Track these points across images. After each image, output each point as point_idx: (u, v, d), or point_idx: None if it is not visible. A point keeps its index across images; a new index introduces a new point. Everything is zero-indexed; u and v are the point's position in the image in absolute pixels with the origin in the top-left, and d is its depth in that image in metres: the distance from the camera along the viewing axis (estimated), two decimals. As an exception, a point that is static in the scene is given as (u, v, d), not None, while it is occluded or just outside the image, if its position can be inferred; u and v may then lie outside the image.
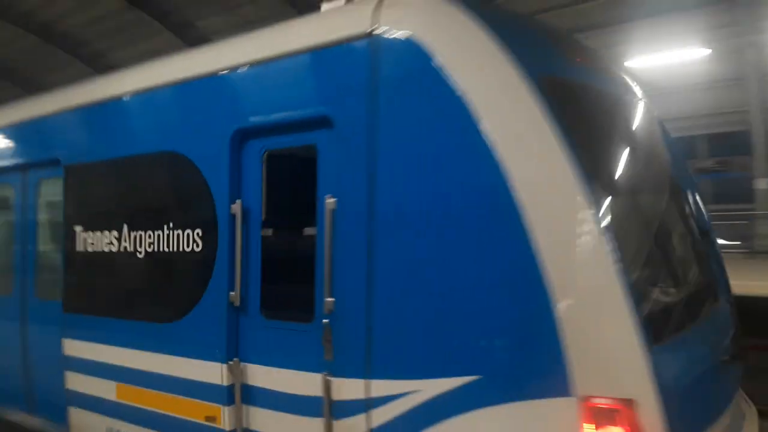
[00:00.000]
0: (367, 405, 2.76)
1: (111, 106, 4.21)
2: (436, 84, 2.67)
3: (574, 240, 2.41)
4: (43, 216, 4.83)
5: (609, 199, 2.58)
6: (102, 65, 23.73)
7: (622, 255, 2.39)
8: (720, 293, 3.43)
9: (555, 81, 2.77)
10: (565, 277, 2.38)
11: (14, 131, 5.09)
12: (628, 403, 2.26)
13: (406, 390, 2.66)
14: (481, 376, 2.51)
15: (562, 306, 2.34)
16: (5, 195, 5.18)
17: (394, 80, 2.83)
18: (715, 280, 3.40)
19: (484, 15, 2.80)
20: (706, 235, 3.52)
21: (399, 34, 2.80)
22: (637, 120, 3.46)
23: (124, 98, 4.11)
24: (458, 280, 2.60)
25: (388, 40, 2.82)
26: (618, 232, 2.46)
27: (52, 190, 4.59)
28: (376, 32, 2.84)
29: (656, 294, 2.75)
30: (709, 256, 3.46)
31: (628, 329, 2.29)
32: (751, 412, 3.41)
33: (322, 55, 3.07)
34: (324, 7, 3.26)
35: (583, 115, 2.90)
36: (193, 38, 20.66)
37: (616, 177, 2.92)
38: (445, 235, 2.64)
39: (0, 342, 5.03)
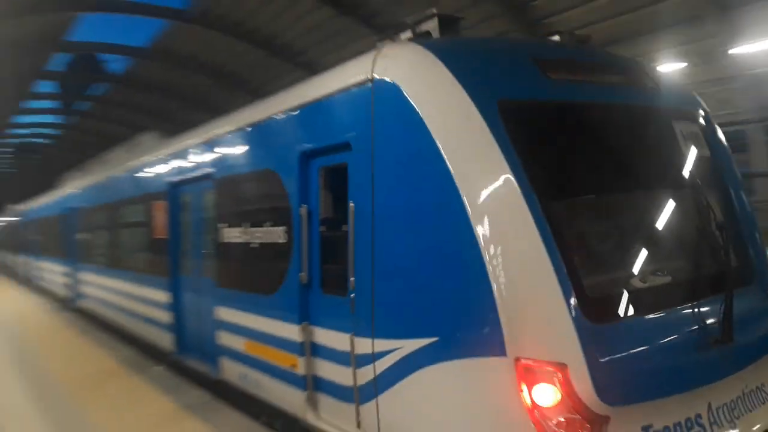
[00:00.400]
0: (372, 358, 3.60)
1: (232, 137, 5.67)
2: (406, 115, 3.43)
3: (511, 239, 3.00)
4: (206, 216, 6.18)
5: (549, 202, 3.05)
6: (318, 70, 25.86)
7: (560, 251, 2.92)
8: (741, 284, 3.59)
9: (512, 103, 3.30)
10: (503, 268, 2.96)
11: (184, 154, 6.80)
12: (562, 366, 2.79)
13: (393, 347, 3.47)
14: (438, 338, 3.21)
15: (499, 287, 2.94)
16: (184, 201, 6.77)
17: (383, 114, 3.66)
18: (729, 273, 3.47)
19: (453, 53, 3.57)
20: (725, 229, 3.63)
21: (385, 79, 3.64)
22: (631, 123, 3.76)
23: (240, 131, 5.52)
24: (423, 266, 3.38)
25: (379, 83, 3.68)
26: (557, 231, 2.98)
27: (209, 197, 6.03)
28: (374, 78, 3.72)
29: (605, 283, 3.26)
30: (724, 251, 3.58)
31: (562, 308, 2.83)
32: None
33: (345, 96, 4.05)
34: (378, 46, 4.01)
35: (539, 130, 3.40)
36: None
37: (566, 181, 3.41)
38: (414, 231, 3.44)
39: (182, 310, 6.77)
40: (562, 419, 2.85)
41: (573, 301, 2.88)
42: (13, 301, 14.39)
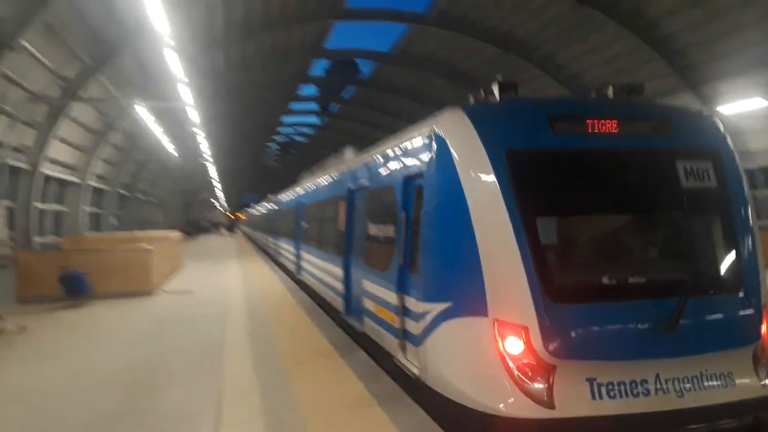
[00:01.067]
0: (423, 315, 5.22)
1: (376, 162, 7.66)
2: (447, 158, 5.06)
3: (497, 247, 4.51)
4: (361, 215, 8.14)
5: (526, 222, 4.47)
6: (551, 66, 24.74)
7: (534, 250, 4.38)
8: (719, 293, 4.74)
9: (518, 151, 4.70)
10: (490, 265, 4.50)
11: (354, 170, 9.03)
12: (523, 327, 4.25)
13: (426, 309, 5.12)
14: (452, 303, 4.80)
15: (489, 277, 4.48)
16: (353, 203, 8.76)
17: (436, 155, 5.29)
18: (688, 282, 4.67)
19: (481, 115, 5.02)
20: (694, 247, 5.07)
21: (440, 133, 5.25)
22: (618, 165, 4.88)
23: (379, 159, 7.51)
24: (447, 259, 4.99)
25: (437, 136, 5.30)
26: (530, 243, 4.40)
27: (364, 202, 8.08)
28: (434, 133, 5.37)
29: (569, 274, 4.74)
30: (696, 255, 5.01)
31: (527, 292, 4.28)
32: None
33: (422, 142, 5.74)
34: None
35: (540, 171, 4.77)
36: (643, 27, 19.24)
37: (549, 202, 4.78)
38: (439, 232, 5.10)
39: (348, 282, 8.70)
40: (523, 363, 4.28)
41: (534, 287, 4.30)
42: (264, 278, 16.51)
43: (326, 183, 11.85)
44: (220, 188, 66.35)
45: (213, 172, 44.48)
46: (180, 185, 51.49)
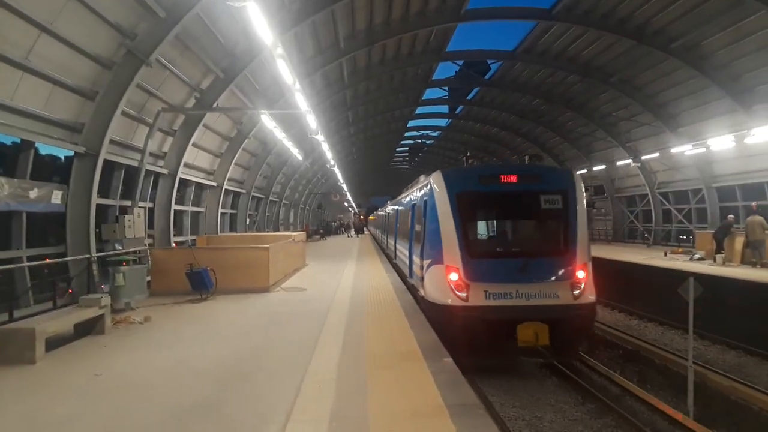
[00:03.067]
0: (426, 266, 11.17)
1: (415, 191, 15.13)
2: (432, 195, 11.14)
3: (449, 230, 10.30)
4: (412, 218, 14.66)
5: (463, 218, 10.43)
6: (695, 56, 22.41)
7: (465, 234, 10.29)
8: (556, 253, 10.40)
9: (462, 192, 10.59)
10: (445, 242, 10.29)
11: (410, 193, 16.93)
12: (452, 267, 9.95)
13: (425, 264, 11.23)
14: (432, 260, 10.67)
15: (444, 244, 10.29)
16: (412, 211, 14.83)
17: (429, 193, 11.66)
18: (547, 250, 10.62)
19: (449, 175, 11.13)
20: (544, 235, 11.34)
21: (431, 182, 11.41)
22: (513, 199, 10.80)
23: (413, 190, 15.64)
24: (431, 240, 11.02)
25: (431, 183, 11.48)
26: (464, 228, 10.33)
27: (413, 210, 14.71)
28: (429, 182, 11.74)
29: (481, 245, 11.02)
30: (554, 240, 10.76)
31: (459, 250, 10.04)
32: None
33: (425, 186, 12.52)
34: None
35: (471, 203, 10.67)
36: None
37: (473, 214, 10.95)
38: (431, 229, 11.04)
39: (411, 257, 14.14)
40: (457, 283, 9.80)
41: (462, 252, 10.01)
42: (375, 279, 16.73)
43: (399, 200, 22.37)
44: (351, 191, 68.87)
45: (343, 176, 46.21)
46: (313, 188, 54.22)
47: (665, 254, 24.07)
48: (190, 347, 8.18)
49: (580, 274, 9.95)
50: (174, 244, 18.36)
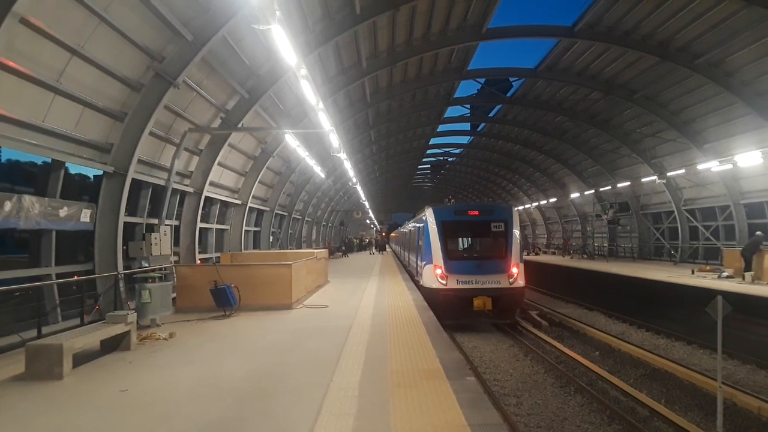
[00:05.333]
0: (421, 266, 19.99)
1: (419, 217, 23.90)
2: (427, 223, 19.42)
3: (436, 243, 18.52)
4: (416, 237, 23.67)
5: (444, 236, 18.67)
6: (720, 72, 22.16)
7: (446, 245, 18.49)
8: (499, 257, 18.54)
9: (445, 221, 18.99)
10: (433, 249, 18.51)
11: (414, 219, 28.71)
12: (438, 265, 18.07)
13: (422, 264, 19.61)
14: (426, 262, 18.83)
15: (433, 251, 18.48)
16: (416, 232, 24.30)
17: (424, 220, 20.30)
18: (494, 255, 18.75)
19: (438, 209, 19.70)
20: (496, 247, 19.05)
21: (426, 214, 19.95)
22: (474, 225, 19.64)
23: (417, 218, 25.44)
24: (425, 249, 19.33)
25: (426, 214, 19.96)
26: (445, 242, 18.54)
27: (417, 231, 23.63)
28: (425, 214, 20.40)
29: (454, 252, 19.09)
30: (498, 250, 18.75)
31: (441, 255, 18.21)
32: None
33: (423, 217, 20.88)
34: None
35: (449, 227, 19.03)
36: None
37: (450, 233, 19.13)
38: (426, 243, 19.22)
39: (415, 261, 23.68)
40: (441, 274, 17.86)
41: (444, 256, 18.16)
42: (396, 296, 16.72)
43: (408, 225, 34.09)
44: (373, 208, 69.04)
45: (365, 194, 46.40)
46: (336, 205, 54.51)
47: (692, 272, 23.60)
48: (213, 364, 8.25)
49: (514, 270, 17.79)
50: (199, 261, 18.63)
